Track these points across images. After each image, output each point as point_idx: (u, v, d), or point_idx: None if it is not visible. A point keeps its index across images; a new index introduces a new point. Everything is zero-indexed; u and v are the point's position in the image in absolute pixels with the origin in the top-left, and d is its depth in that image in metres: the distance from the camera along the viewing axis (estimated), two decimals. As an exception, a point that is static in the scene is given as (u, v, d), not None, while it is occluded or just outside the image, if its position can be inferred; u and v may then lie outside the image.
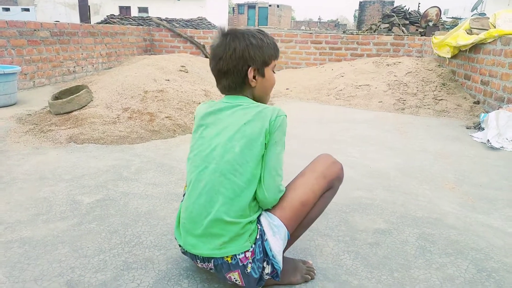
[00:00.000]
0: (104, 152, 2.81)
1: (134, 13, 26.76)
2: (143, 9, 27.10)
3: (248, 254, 1.21)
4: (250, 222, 1.23)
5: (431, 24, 8.98)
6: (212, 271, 1.29)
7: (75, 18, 26.66)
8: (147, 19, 10.36)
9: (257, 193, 1.24)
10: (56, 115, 3.51)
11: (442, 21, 9.97)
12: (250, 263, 1.22)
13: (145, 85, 3.98)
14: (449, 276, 1.49)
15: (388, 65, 5.88)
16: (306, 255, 1.59)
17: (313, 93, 5.57)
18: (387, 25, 9.89)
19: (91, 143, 2.98)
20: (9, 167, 2.48)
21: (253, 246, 1.22)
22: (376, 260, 1.58)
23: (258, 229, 1.25)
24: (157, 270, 1.47)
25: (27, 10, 23.30)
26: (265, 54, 1.27)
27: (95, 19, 24.81)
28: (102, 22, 10.39)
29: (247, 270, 1.22)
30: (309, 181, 1.33)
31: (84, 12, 27.10)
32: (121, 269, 1.47)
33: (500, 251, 1.68)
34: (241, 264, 1.21)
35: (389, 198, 2.19)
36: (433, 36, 6.09)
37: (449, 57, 5.34)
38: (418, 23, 9.51)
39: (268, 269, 1.26)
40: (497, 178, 2.57)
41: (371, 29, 10.55)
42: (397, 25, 9.69)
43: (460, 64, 5.14)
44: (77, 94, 3.57)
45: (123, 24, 9.80)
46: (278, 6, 42.05)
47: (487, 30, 4.52)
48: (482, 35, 4.46)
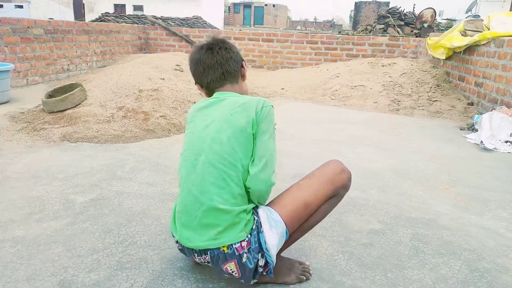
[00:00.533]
0: (98, 151, 2.80)
1: (129, 11, 26.60)
2: (138, 7, 26.95)
3: (244, 244, 1.22)
4: (244, 212, 1.23)
5: (426, 25, 9.04)
6: (209, 264, 1.30)
7: (69, 16, 26.45)
8: (142, 18, 10.32)
9: (246, 183, 1.25)
10: (50, 113, 3.49)
11: (437, 22, 10.05)
12: (245, 253, 1.22)
13: (140, 84, 3.96)
14: (442, 277, 1.50)
15: (383, 66, 5.91)
16: (300, 256, 1.60)
17: (309, 93, 5.58)
18: (382, 26, 9.94)
19: (85, 142, 2.96)
20: (1, 165, 2.45)
21: (249, 236, 1.23)
22: (370, 261, 1.59)
23: (254, 220, 1.26)
24: (151, 270, 1.47)
25: (21, 7, 23.07)
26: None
27: (89, 17, 24.63)
28: (96, 20, 10.33)
29: (242, 260, 1.22)
30: (315, 184, 1.34)
31: (79, 10, 26.90)
32: (115, 269, 1.46)
33: (492, 251, 1.69)
34: (237, 254, 1.22)
35: (383, 198, 2.20)
36: (427, 38, 6.12)
37: (444, 58, 5.37)
38: (413, 24, 9.57)
39: (262, 261, 1.26)
40: (490, 179, 2.59)
41: (366, 29, 10.60)
42: (392, 26, 9.75)
43: (455, 65, 5.18)
44: (71, 93, 3.54)
45: (118, 22, 9.75)
46: (274, 6, 42.06)
47: (481, 32, 4.56)
48: (476, 37, 4.49)
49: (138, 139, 3.09)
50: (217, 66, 1.35)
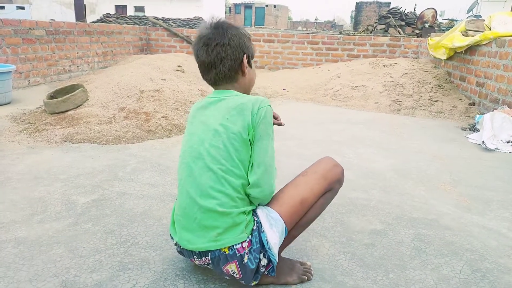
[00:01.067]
0: (99, 152, 2.80)
1: (130, 12, 26.66)
2: (139, 8, 27.00)
3: (245, 245, 1.22)
4: (244, 213, 1.23)
5: (427, 25, 9.02)
6: (209, 266, 1.29)
7: (71, 17, 26.51)
8: (143, 18, 10.33)
9: (247, 191, 1.25)
10: (51, 114, 3.49)
11: (438, 22, 10.03)
12: (246, 253, 1.22)
13: (141, 84, 3.96)
14: (444, 277, 1.50)
15: (384, 66, 5.90)
16: (302, 256, 1.60)
17: (310, 93, 5.58)
18: (383, 26, 9.92)
19: (87, 143, 2.96)
20: (3, 166, 2.46)
21: (250, 237, 1.23)
22: (372, 261, 1.58)
23: (254, 220, 1.26)
24: (153, 270, 1.47)
25: (22, 8, 23.13)
26: (252, 46, 1.35)
27: (91, 18, 24.69)
28: (98, 21, 10.35)
29: (244, 261, 1.22)
30: (310, 180, 1.36)
31: (80, 11, 26.95)
32: (117, 269, 1.46)
33: (494, 251, 1.69)
34: (238, 255, 1.22)
35: (385, 199, 2.20)
36: (429, 38, 6.12)
37: (445, 58, 5.36)
38: (414, 25, 9.55)
39: (264, 261, 1.26)
40: (491, 179, 2.58)
41: (367, 30, 10.59)
42: (393, 26, 9.73)
43: (456, 65, 5.17)
44: (72, 94, 3.55)
45: (119, 23, 9.77)
46: (275, 6, 42.08)
47: (482, 32, 4.55)
48: (478, 37, 4.49)
49: (139, 140, 3.10)
50: (210, 66, 1.29)
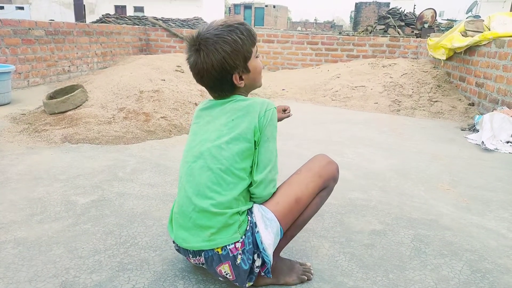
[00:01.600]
0: (99, 152, 2.80)
1: (130, 12, 26.66)
2: (139, 9, 27.00)
3: (238, 245, 1.22)
4: (238, 213, 1.23)
5: (426, 26, 9.03)
6: (204, 266, 1.30)
7: (70, 17, 26.50)
8: (142, 19, 10.33)
9: (251, 190, 1.26)
10: (51, 114, 3.49)
11: (438, 23, 10.04)
12: (240, 254, 1.22)
13: (140, 85, 3.96)
14: (443, 277, 1.50)
15: (383, 66, 5.91)
16: (301, 257, 1.60)
17: (309, 94, 5.58)
18: (382, 27, 9.93)
19: (86, 143, 2.96)
20: (2, 167, 2.45)
21: (243, 237, 1.23)
22: (371, 261, 1.58)
23: (248, 220, 1.26)
24: (152, 271, 1.47)
25: (22, 8, 23.13)
26: (244, 52, 1.22)
27: (90, 18, 24.68)
28: (97, 21, 10.34)
29: (237, 261, 1.22)
30: (304, 179, 1.34)
31: (79, 11, 26.95)
32: (117, 270, 1.46)
33: (494, 252, 1.69)
34: (231, 255, 1.22)
35: (384, 199, 2.20)
36: (428, 38, 6.12)
37: (444, 59, 5.37)
38: (414, 25, 9.55)
39: (259, 262, 1.25)
40: (491, 179, 2.58)
41: (367, 30, 10.59)
42: (392, 26, 9.74)
43: (455, 66, 5.18)
44: (72, 94, 3.55)
45: (118, 23, 9.77)
46: (274, 7, 42.09)
47: (482, 32, 4.56)
48: (477, 37, 4.49)
49: (139, 140, 3.10)
50: (199, 78, 1.26)
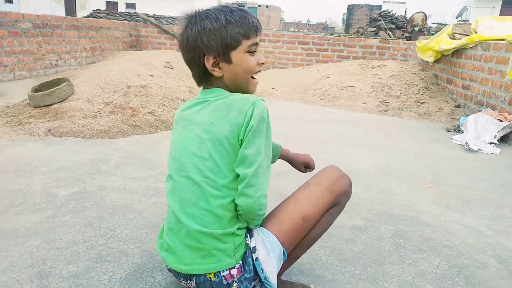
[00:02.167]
0: (83, 145, 2.77)
1: (122, 8, 26.45)
2: (130, 5, 26.82)
3: (234, 272, 1.07)
4: (232, 234, 1.08)
5: (416, 29, 9.12)
6: None
7: (61, 12, 26.16)
8: (134, 15, 10.24)
9: (235, 200, 1.07)
10: (36, 107, 3.44)
11: (428, 26, 10.15)
12: (235, 282, 1.07)
13: (128, 80, 3.93)
14: (421, 272, 1.51)
15: (373, 67, 5.95)
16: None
17: (299, 93, 5.60)
18: (374, 29, 10.00)
19: (70, 137, 2.93)
20: (-17, 158, 2.41)
21: (240, 263, 1.08)
22: (351, 256, 1.59)
23: (246, 244, 1.11)
24: (131, 262, 1.46)
25: (11, 2, 22.78)
26: (227, 36, 1.07)
27: (81, 13, 24.38)
28: (88, 17, 10.23)
29: None
30: (313, 194, 1.18)
31: (70, 6, 26.63)
32: (94, 261, 1.45)
33: (471, 248, 1.71)
34: (225, 283, 1.07)
35: (367, 196, 2.22)
36: (417, 41, 6.19)
37: (432, 61, 5.43)
38: (404, 28, 9.65)
39: None
40: (473, 179, 2.62)
41: (358, 32, 10.66)
42: (383, 29, 9.82)
43: (443, 68, 5.24)
44: (57, 87, 3.50)
45: (109, 19, 9.67)
46: (267, 7, 42.11)
47: (469, 35, 4.62)
48: (464, 40, 4.55)
49: (124, 135, 3.07)
50: (181, 53, 1.15)
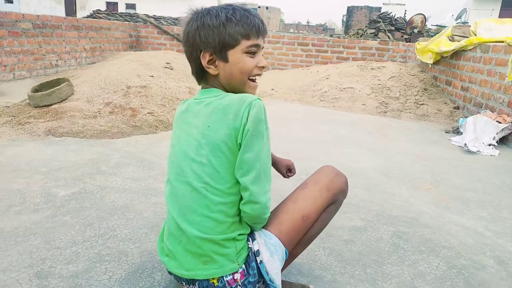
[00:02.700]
0: (82, 146, 2.77)
1: (122, 9, 26.46)
2: (130, 6, 26.83)
3: (237, 276, 1.07)
4: (234, 239, 1.07)
5: (416, 31, 9.14)
6: None
7: (61, 13, 26.17)
8: (134, 16, 10.26)
9: (241, 207, 1.07)
10: (35, 107, 3.44)
11: (427, 28, 10.17)
12: (239, 286, 1.07)
13: (128, 80, 3.93)
14: (420, 273, 1.52)
15: (372, 69, 5.96)
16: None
17: (298, 94, 5.60)
18: (373, 31, 10.02)
19: (70, 137, 2.93)
20: (-17, 158, 2.41)
21: (243, 267, 1.08)
22: (350, 256, 1.60)
23: (248, 247, 1.11)
24: (130, 262, 1.46)
25: (11, 2, 22.79)
26: (225, 33, 1.06)
27: (81, 14, 24.39)
28: (88, 17, 10.24)
29: None
30: (311, 193, 1.20)
31: (70, 7, 26.63)
32: (94, 261, 1.45)
33: (470, 249, 1.72)
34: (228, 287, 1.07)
35: (366, 197, 2.22)
36: (416, 42, 6.20)
37: (431, 63, 5.44)
38: (404, 30, 9.67)
39: None
40: (472, 180, 2.63)
41: (357, 34, 10.68)
42: (383, 30, 9.84)
43: (442, 70, 5.25)
44: (57, 87, 3.50)
45: (109, 19, 9.68)
46: (267, 8, 42.16)
47: (468, 37, 4.63)
48: (463, 42, 4.56)
49: (124, 135, 3.07)
50: (187, 59, 1.16)
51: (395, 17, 10.63)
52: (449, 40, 5.02)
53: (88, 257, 1.47)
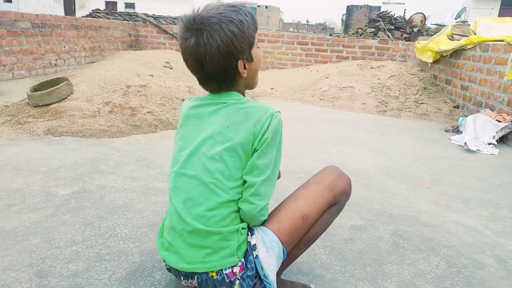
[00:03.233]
0: (82, 145, 2.77)
1: (121, 8, 26.44)
2: (130, 5, 26.80)
3: (236, 270, 1.08)
4: (237, 232, 1.09)
5: (415, 30, 9.14)
6: None
7: (60, 12, 26.12)
8: (133, 15, 10.25)
9: (239, 204, 1.09)
10: (35, 107, 3.44)
11: (427, 27, 10.17)
12: (238, 279, 1.08)
13: (127, 79, 3.93)
14: (420, 271, 1.52)
15: (372, 68, 5.96)
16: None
17: (298, 93, 5.60)
18: (373, 30, 10.02)
19: (69, 136, 2.92)
20: (-18, 157, 2.41)
21: (243, 261, 1.09)
22: (350, 255, 1.60)
23: (248, 242, 1.11)
24: (130, 262, 1.46)
25: (10, 1, 22.75)
26: (249, 37, 1.08)
27: (80, 13, 24.38)
28: (87, 16, 10.23)
29: None
30: (312, 193, 1.20)
31: (69, 6, 26.59)
32: (94, 260, 1.45)
33: (470, 248, 1.72)
34: (227, 281, 1.07)
35: (366, 196, 2.22)
36: (416, 41, 6.20)
37: (431, 61, 5.44)
38: (403, 29, 9.67)
39: (261, 287, 1.13)
40: (472, 179, 2.63)
41: (357, 33, 10.68)
42: (382, 29, 9.83)
43: (442, 69, 5.25)
44: (57, 87, 3.50)
45: (108, 19, 9.67)
46: (266, 7, 42.12)
47: (468, 36, 4.63)
48: (463, 41, 4.56)
49: (124, 134, 3.07)
50: (198, 65, 1.07)
51: (395, 16, 10.63)
52: (449, 39, 5.02)
53: (88, 256, 1.47)
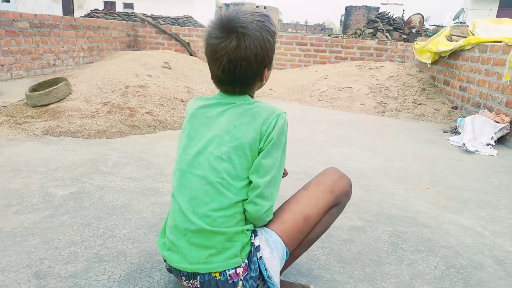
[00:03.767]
0: (80, 145, 2.76)
1: (119, 8, 26.40)
2: (128, 5, 26.76)
3: (240, 271, 1.08)
4: (242, 232, 1.09)
5: (414, 30, 9.16)
6: None
7: (58, 12, 26.06)
8: (132, 15, 10.23)
9: (245, 206, 1.10)
10: (33, 107, 3.43)
11: (425, 28, 10.19)
12: (241, 280, 1.08)
13: (126, 80, 3.92)
14: (419, 272, 1.52)
15: (370, 69, 5.97)
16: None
17: (297, 94, 5.61)
18: (371, 30, 10.04)
19: (68, 136, 2.92)
20: (-20, 158, 2.40)
21: (246, 262, 1.10)
22: (349, 256, 1.60)
23: (251, 243, 1.12)
24: (129, 262, 1.45)
25: (8, 1, 22.70)
26: (274, 47, 1.15)
27: (78, 13, 24.34)
28: (85, 16, 10.21)
29: None
30: (314, 195, 1.21)
31: (68, 6, 26.54)
32: (92, 261, 1.44)
33: (469, 249, 1.72)
34: (230, 281, 1.07)
35: (365, 197, 2.22)
36: (415, 42, 6.21)
37: (430, 62, 5.45)
38: (402, 30, 9.69)
39: None
40: (470, 180, 2.63)
41: (356, 33, 10.69)
42: (381, 30, 9.85)
43: (440, 70, 5.26)
44: (55, 87, 3.49)
45: (106, 19, 9.65)
46: (265, 8, 42.10)
47: (466, 37, 4.64)
48: (461, 42, 4.57)
49: (122, 135, 3.06)
50: (230, 67, 1.07)
51: (393, 17, 10.65)
52: (447, 40, 5.03)
53: (87, 257, 1.47)
